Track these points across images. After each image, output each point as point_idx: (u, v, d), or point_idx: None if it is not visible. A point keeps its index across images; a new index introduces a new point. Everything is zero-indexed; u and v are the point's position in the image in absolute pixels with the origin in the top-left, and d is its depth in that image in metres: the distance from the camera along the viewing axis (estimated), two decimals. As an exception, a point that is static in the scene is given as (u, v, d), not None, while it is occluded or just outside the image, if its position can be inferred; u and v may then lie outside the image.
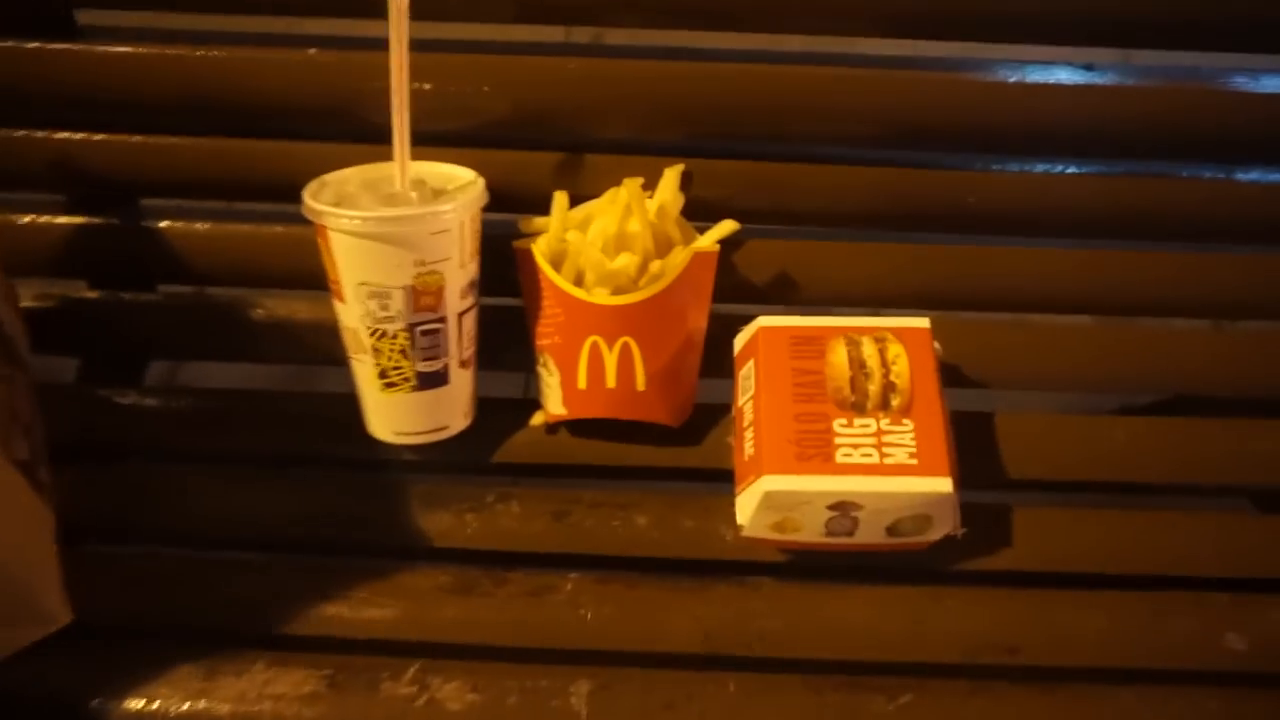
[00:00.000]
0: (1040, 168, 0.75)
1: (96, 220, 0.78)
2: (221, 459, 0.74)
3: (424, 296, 0.65)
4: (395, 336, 0.65)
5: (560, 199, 0.71)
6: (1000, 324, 0.79)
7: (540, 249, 0.70)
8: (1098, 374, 0.78)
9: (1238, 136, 0.75)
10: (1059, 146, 0.75)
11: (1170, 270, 0.78)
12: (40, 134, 0.74)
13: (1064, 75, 0.73)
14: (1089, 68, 0.72)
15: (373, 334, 0.65)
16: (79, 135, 0.74)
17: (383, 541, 0.69)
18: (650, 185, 0.71)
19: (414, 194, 0.65)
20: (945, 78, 0.73)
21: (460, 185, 0.67)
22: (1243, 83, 0.73)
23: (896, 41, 0.75)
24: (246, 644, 0.64)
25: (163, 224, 0.77)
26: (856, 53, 0.75)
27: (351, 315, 0.66)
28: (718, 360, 0.72)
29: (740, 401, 0.68)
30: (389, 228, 0.62)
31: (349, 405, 0.70)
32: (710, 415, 0.73)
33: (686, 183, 0.72)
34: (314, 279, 0.67)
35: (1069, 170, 0.76)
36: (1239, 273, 0.77)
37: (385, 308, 0.64)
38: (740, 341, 0.71)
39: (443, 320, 0.66)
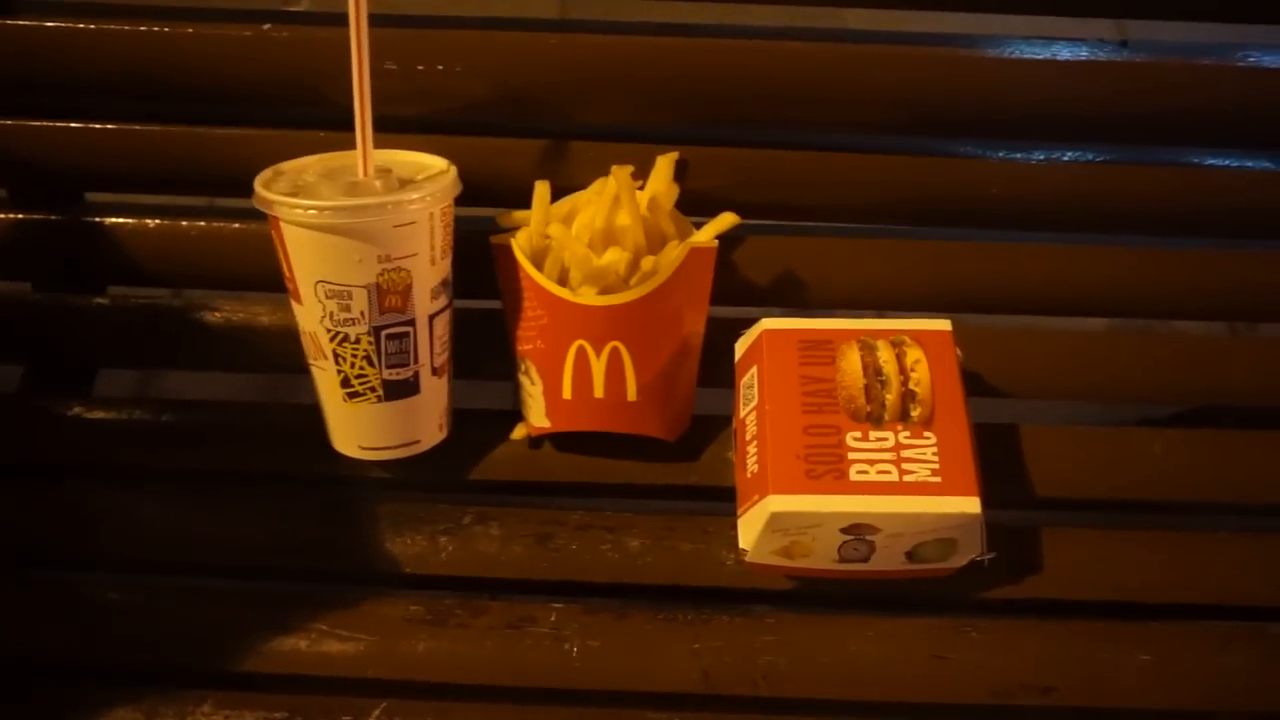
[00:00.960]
0: (1068, 155, 0.69)
1: (39, 216, 0.72)
2: (171, 478, 0.68)
3: (390, 296, 0.58)
4: (358, 341, 0.59)
5: (542, 189, 0.65)
6: (1012, 328, 0.74)
7: (520, 244, 0.64)
8: (1118, 382, 0.72)
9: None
10: (1086, 130, 0.69)
11: (1195, 267, 0.72)
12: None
13: (1093, 51, 0.67)
14: (1123, 44, 0.66)
15: (333, 338, 0.59)
16: (14, 121, 0.68)
17: (346, 567, 0.64)
18: (641, 174, 0.65)
19: (378, 183, 0.59)
20: (964, 54, 0.67)
21: (430, 174, 0.61)
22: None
23: (901, 14, 0.69)
24: (192, 682, 0.59)
25: (111, 221, 0.71)
26: (864, 28, 0.69)
27: (310, 318, 0.59)
28: (717, 368, 0.66)
29: (742, 413, 0.62)
30: (348, 219, 0.56)
31: (310, 417, 0.64)
32: (709, 428, 0.68)
33: (681, 172, 0.67)
34: (277, 280, 0.61)
35: (1098, 158, 0.70)
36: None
37: (346, 309, 0.58)
38: (742, 347, 0.64)
39: (411, 323, 0.60)
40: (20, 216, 0.71)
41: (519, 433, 0.67)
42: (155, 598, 0.62)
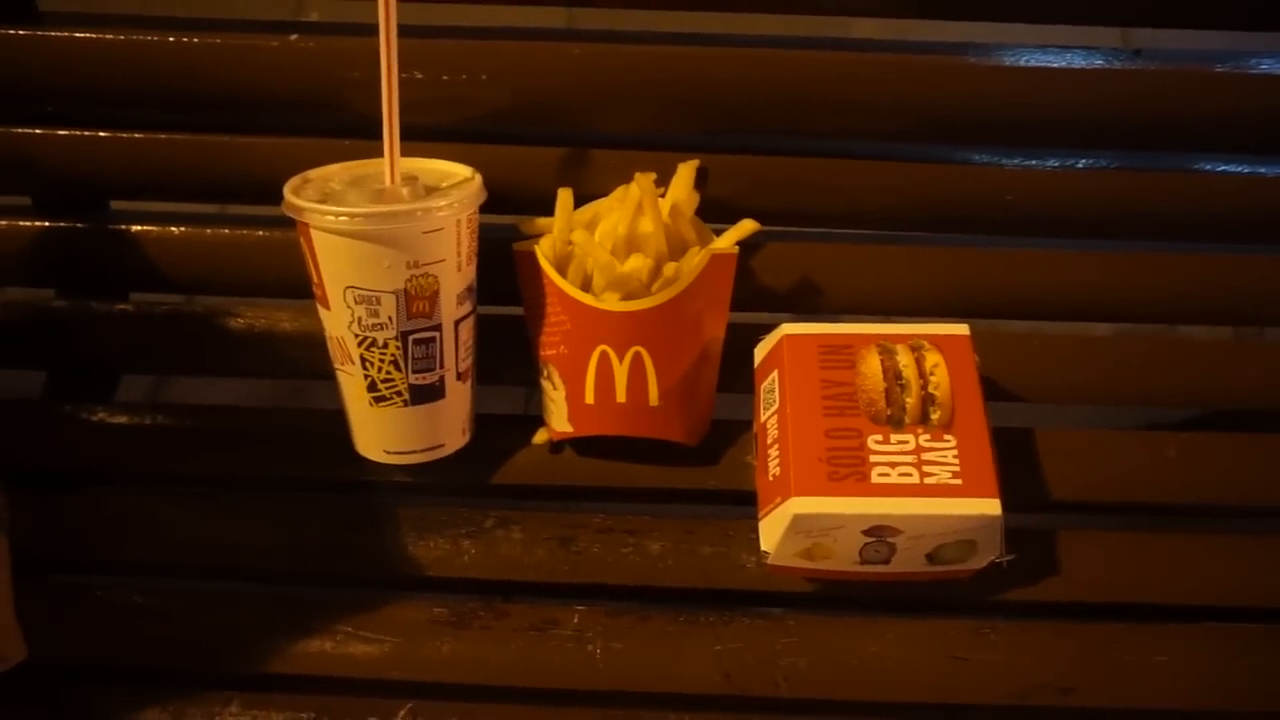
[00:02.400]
0: (1081, 162, 0.70)
1: (63, 224, 0.72)
2: (196, 482, 0.69)
3: (417, 302, 0.59)
4: (386, 346, 0.60)
5: (565, 197, 0.65)
6: (1025, 333, 0.74)
7: (543, 251, 0.64)
8: (1129, 386, 0.73)
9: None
10: (1098, 137, 0.70)
11: (1203, 273, 0.73)
12: (-1, 130, 0.69)
13: (1106, 60, 0.68)
14: (1136, 53, 0.67)
15: (361, 343, 0.60)
16: (42, 131, 0.69)
17: (371, 570, 0.64)
18: (662, 182, 0.66)
19: (405, 190, 0.59)
20: (978, 63, 0.67)
21: (456, 182, 0.62)
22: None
23: (906, 23, 0.70)
24: (219, 683, 0.60)
25: (135, 228, 0.72)
26: (879, 38, 0.70)
27: (338, 323, 0.60)
28: (736, 373, 0.67)
29: (763, 417, 0.62)
30: (378, 225, 0.57)
31: (335, 422, 0.65)
32: (729, 433, 0.68)
33: (701, 180, 0.67)
34: (298, 287, 0.62)
35: (1111, 165, 0.70)
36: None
37: (374, 314, 0.59)
38: (762, 352, 0.65)
39: (438, 328, 0.60)
40: (45, 224, 0.72)
41: (540, 437, 0.68)
42: (181, 601, 0.63)
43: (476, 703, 0.59)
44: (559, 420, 0.66)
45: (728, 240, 0.65)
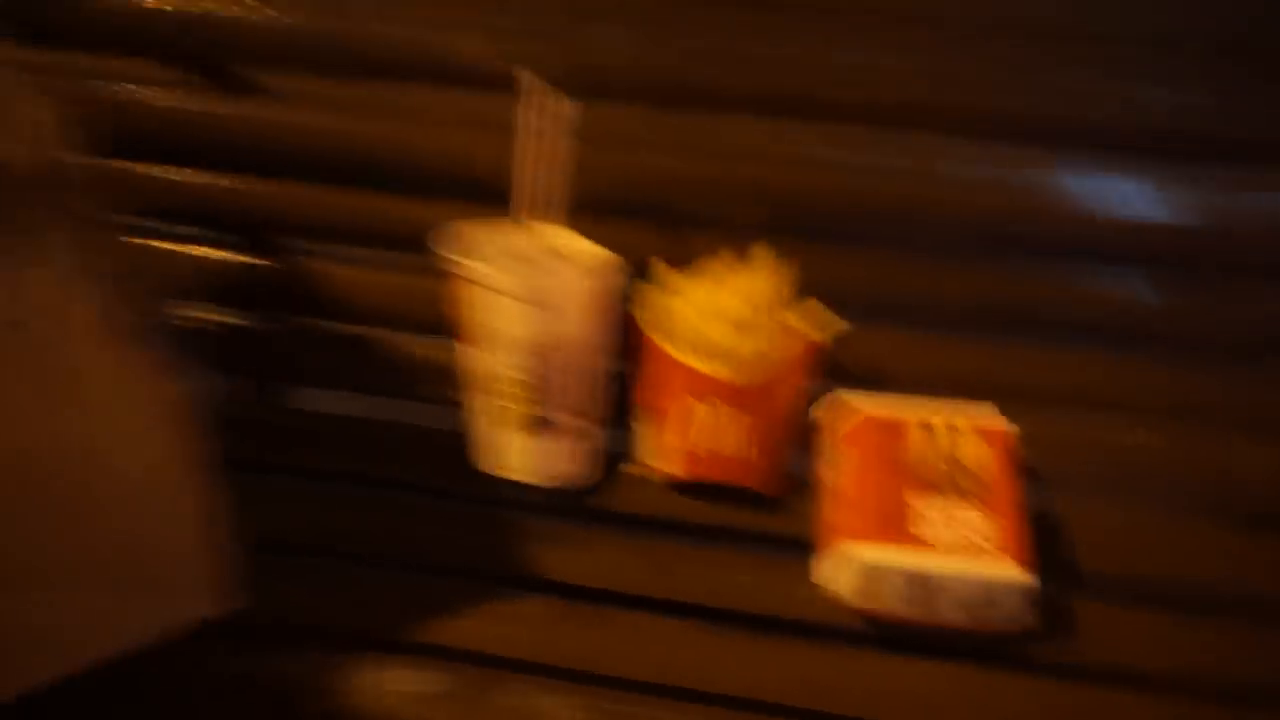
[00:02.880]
0: (1130, 277, 0.80)
1: (251, 258, 0.87)
2: (355, 481, 0.79)
3: (552, 353, 0.71)
4: (522, 383, 0.71)
5: (668, 270, 0.75)
6: (1059, 422, 0.82)
7: (652, 315, 0.75)
8: (1163, 486, 0.81)
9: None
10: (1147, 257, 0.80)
11: (1228, 385, 0.81)
12: (209, 176, 0.85)
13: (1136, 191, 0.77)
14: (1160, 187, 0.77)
15: (500, 380, 0.72)
16: (244, 181, 0.84)
17: (500, 569, 0.74)
18: (758, 265, 0.75)
19: (549, 256, 0.71)
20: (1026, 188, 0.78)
21: (590, 255, 0.73)
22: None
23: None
24: (379, 647, 0.68)
25: (309, 263, 0.86)
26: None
27: (481, 360, 0.72)
28: (805, 434, 0.77)
29: (828, 473, 0.74)
30: (526, 284, 0.68)
31: (465, 441, 0.77)
32: (798, 485, 0.78)
33: (791, 266, 0.76)
34: (438, 323, 0.76)
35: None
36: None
37: (515, 356, 0.70)
38: (825, 415, 0.76)
39: (569, 373, 0.72)
40: (239, 257, 0.87)
41: (640, 473, 0.79)
42: (356, 580, 0.72)
43: (584, 685, 0.67)
44: (657, 460, 0.77)
45: (823, 332, 0.74)
